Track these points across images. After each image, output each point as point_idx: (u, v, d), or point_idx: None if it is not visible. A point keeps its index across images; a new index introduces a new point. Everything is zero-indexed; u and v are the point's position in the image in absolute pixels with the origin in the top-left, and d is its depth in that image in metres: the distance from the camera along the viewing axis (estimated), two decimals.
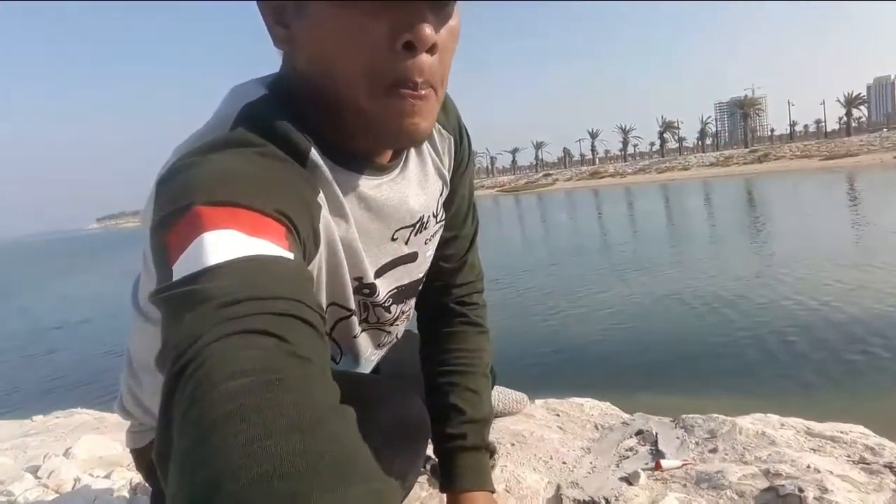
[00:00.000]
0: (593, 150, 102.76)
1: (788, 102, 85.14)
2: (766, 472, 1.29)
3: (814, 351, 5.26)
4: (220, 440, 0.34)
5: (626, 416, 1.77)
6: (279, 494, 0.32)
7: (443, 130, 0.88)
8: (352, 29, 0.61)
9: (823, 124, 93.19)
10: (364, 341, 0.90)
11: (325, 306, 0.75)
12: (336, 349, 0.86)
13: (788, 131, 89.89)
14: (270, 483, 0.32)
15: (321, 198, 0.68)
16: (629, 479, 1.36)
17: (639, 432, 1.62)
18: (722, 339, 5.93)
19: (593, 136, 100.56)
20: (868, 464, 1.33)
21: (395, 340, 0.99)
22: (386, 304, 0.87)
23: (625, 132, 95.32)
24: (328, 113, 0.68)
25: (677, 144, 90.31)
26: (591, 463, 1.50)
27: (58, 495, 1.58)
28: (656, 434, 1.58)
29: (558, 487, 1.38)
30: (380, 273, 0.82)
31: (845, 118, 76.72)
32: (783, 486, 1.21)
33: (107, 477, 1.65)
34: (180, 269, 0.48)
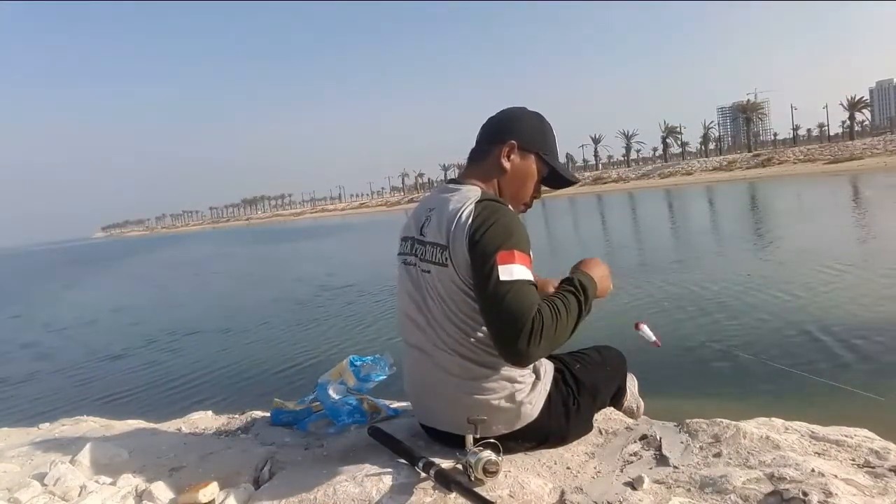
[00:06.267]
0: (596, 155, 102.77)
1: (791, 106, 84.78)
2: (771, 477, 1.28)
3: (818, 354, 5.24)
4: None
5: (630, 421, 1.77)
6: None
7: None
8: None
9: (826, 128, 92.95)
10: None
11: None
12: None
13: (791, 135, 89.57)
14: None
15: None
16: (633, 484, 1.36)
17: (643, 437, 1.62)
18: (726, 343, 5.91)
19: (596, 141, 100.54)
20: (873, 467, 1.33)
21: None
22: None
23: (627, 137, 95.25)
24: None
25: (680, 149, 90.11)
26: (595, 468, 1.50)
27: (64, 502, 1.58)
28: (660, 439, 1.58)
29: (562, 493, 1.38)
30: None
31: (848, 122, 76.56)
32: (787, 490, 1.21)
33: (113, 484, 1.66)
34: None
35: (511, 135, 1.58)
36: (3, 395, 7.48)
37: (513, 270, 1.36)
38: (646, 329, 1.77)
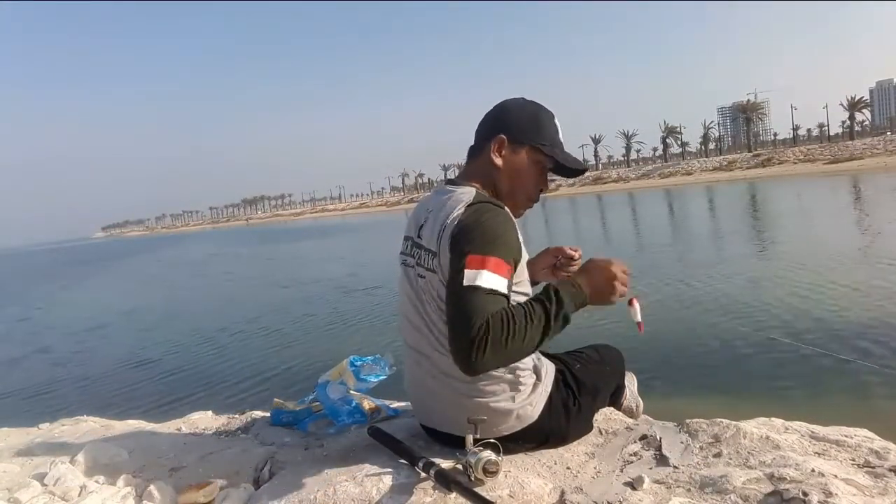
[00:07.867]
0: (596, 155, 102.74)
1: (791, 106, 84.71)
2: (771, 477, 1.28)
3: (818, 355, 5.24)
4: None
5: (630, 420, 1.77)
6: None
7: None
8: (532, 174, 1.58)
9: (826, 128, 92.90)
10: None
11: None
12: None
13: (791, 135, 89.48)
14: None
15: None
16: (633, 484, 1.36)
17: (643, 437, 1.62)
18: (726, 344, 5.91)
19: (596, 141, 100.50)
20: (873, 467, 1.33)
21: None
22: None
23: (627, 137, 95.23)
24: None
25: (680, 149, 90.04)
26: (595, 468, 1.50)
27: (64, 502, 1.58)
28: (660, 439, 1.58)
29: (562, 493, 1.38)
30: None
31: (848, 122, 76.52)
32: (787, 490, 1.21)
33: (112, 484, 1.66)
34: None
35: (500, 129, 1.53)
36: (4, 396, 7.48)
37: (478, 276, 1.29)
38: (637, 307, 1.56)
